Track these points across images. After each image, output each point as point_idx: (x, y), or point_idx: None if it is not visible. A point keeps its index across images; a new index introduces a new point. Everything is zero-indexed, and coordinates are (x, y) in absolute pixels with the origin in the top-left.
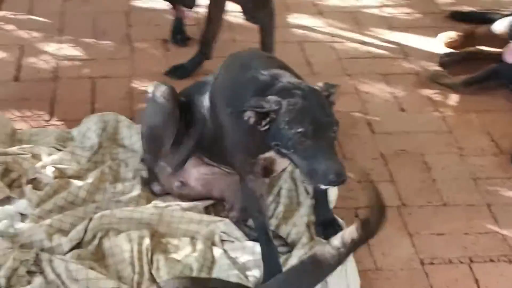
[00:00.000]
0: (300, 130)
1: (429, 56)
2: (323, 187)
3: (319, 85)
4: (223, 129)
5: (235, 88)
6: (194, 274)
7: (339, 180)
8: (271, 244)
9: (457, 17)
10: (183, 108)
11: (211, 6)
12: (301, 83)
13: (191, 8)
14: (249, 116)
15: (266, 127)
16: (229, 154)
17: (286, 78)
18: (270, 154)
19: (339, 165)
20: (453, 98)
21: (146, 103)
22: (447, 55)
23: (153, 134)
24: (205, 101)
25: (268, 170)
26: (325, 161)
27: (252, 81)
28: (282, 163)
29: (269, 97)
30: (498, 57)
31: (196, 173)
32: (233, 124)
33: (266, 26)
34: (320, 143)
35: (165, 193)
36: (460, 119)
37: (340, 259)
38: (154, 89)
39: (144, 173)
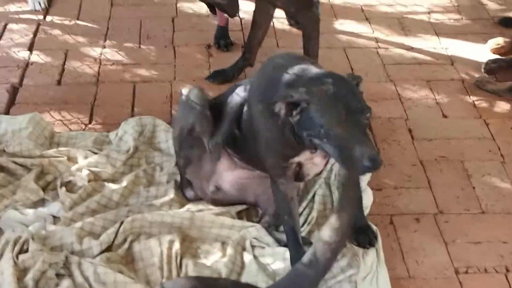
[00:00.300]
0: (332, 116)
1: (476, 62)
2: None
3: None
4: (256, 130)
5: (267, 85)
6: None
7: (375, 165)
8: (301, 249)
9: (507, 23)
10: (217, 110)
11: (256, 12)
12: (330, 72)
13: (233, 17)
14: (280, 107)
15: (297, 117)
16: (261, 157)
17: (315, 69)
18: (302, 157)
19: (373, 150)
20: (498, 105)
21: (179, 106)
22: (493, 61)
23: (184, 136)
24: (239, 105)
25: (299, 175)
26: (359, 147)
27: (282, 76)
28: (313, 168)
29: (300, 87)
30: None
31: (231, 177)
32: (265, 121)
33: (308, 31)
34: (353, 129)
35: (199, 199)
36: (504, 126)
37: (334, 254)
38: (186, 92)
39: (178, 178)
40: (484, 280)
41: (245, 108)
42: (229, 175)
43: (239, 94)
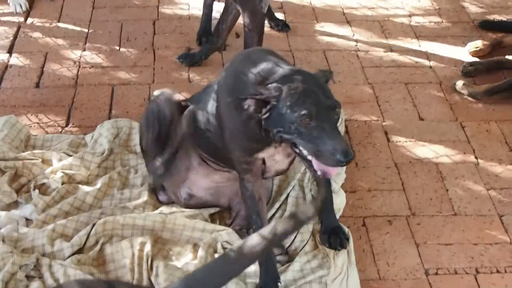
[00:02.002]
0: (303, 112)
1: (454, 65)
2: (331, 169)
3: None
4: (222, 123)
5: (236, 79)
6: None
7: (347, 159)
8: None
9: (486, 26)
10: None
11: None
12: (299, 69)
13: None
14: (249, 104)
15: (267, 114)
16: (227, 151)
17: (285, 66)
18: (265, 153)
19: (344, 144)
20: (474, 108)
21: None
22: (471, 64)
23: (148, 132)
24: (210, 103)
25: (263, 172)
26: (331, 141)
27: (252, 71)
28: (274, 166)
29: (270, 85)
30: None
31: (204, 183)
32: (231, 114)
33: (247, 23)
34: (324, 124)
35: (172, 202)
36: (479, 129)
37: (265, 248)
38: (157, 93)
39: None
40: (454, 281)
41: (213, 103)
42: (202, 181)
43: (208, 93)
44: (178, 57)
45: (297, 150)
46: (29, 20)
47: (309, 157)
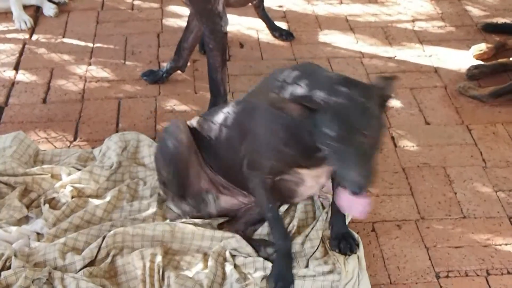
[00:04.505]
0: (333, 133)
1: (459, 69)
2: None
3: (372, 82)
4: (251, 133)
5: (277, 86)
6: None
7: (360, 193)
8: (287, 237)
9: (490, 29)
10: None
11: (190, 16)
12: (350, 80)
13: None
14: (293, 108)
15: (309, 121)
16: (250, 161)
17: (332, 74)
18: (311, 172)
19: (365, 179)
20: (480, 111)
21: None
22: (475, 67)
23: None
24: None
25: (292, 192)
26: (354, 170)
27: (294, 77)
28: (310, 190)
29: (316, 91)
30: None
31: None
32: (267, 121)
33: (207, 42)
34: (352, 149)
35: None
36: (486, 131)
37: None
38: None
39: (161, 191)
40: (465, 284)
41: (224, 116)
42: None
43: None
44: (142, 74)
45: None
46: (34, 37)
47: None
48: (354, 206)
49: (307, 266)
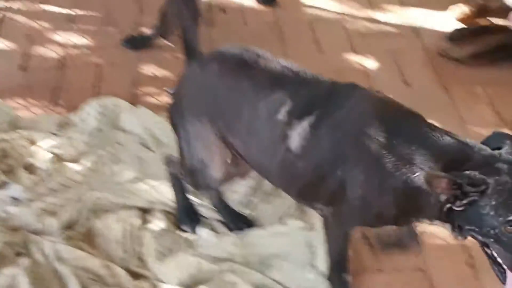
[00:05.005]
0: (511, 218)
1: (440, 31)
2: None
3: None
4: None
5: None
6: None
7: None
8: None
9: None
10: None
11: None
12: (500, 155)
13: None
14: (443, 187)
15: (461, 208)
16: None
17: (479, 146)
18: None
19: None
20: (460, 72)
21: None
22: (457, 29)
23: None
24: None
25: None
26: None
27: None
28: None
29: (471, 172)
30: (509, 30)
31: None
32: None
33: None
34: None
35: None
36: (465, 92)
37: None
38: None
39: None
40: None
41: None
42: None
43: None
44: (123, 40)
45: (489, 251)
46: (13, 4)
47: (504, 266)
48: None
49: None
